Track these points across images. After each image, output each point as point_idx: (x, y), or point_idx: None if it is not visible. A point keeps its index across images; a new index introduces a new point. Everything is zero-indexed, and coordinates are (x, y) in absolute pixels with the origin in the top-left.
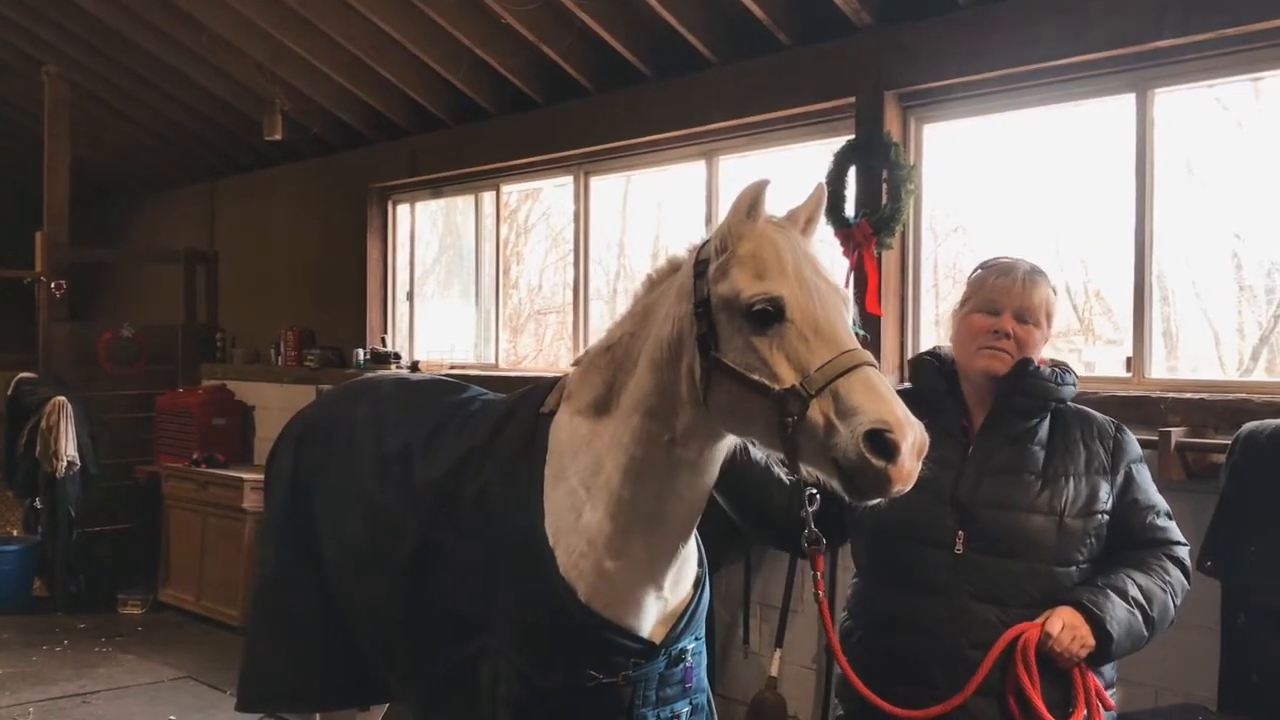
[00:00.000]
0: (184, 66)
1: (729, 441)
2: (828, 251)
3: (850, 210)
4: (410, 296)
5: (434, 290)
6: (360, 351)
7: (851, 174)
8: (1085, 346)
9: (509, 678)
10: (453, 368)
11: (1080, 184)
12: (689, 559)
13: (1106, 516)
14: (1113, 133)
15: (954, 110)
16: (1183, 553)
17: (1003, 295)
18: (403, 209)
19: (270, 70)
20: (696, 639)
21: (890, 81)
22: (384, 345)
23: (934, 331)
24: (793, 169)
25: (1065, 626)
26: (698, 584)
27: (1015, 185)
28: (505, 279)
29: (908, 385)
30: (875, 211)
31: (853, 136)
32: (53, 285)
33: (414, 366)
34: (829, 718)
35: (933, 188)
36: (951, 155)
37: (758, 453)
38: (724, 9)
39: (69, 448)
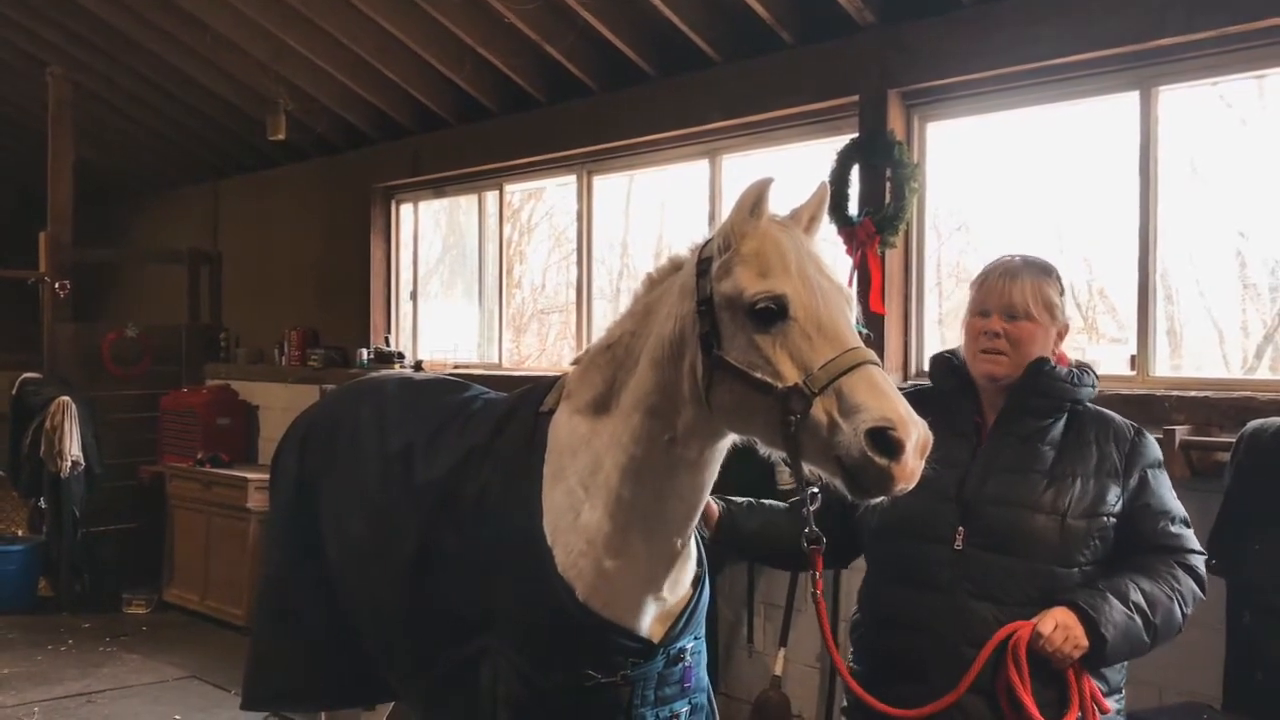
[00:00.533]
0: (187, 66)
1: (729, 441)
2: (831, 250)
3: (854, 209)
4: (414, 296)
5: (437, 290)
6: (364, 351)
7: (855, 173)
8: (1089, 345)
9: (509, 677)
10: (456, 367)
11: (1084, 182)
12: (688, 558)
13: (1113, 519)
14: (1116, 131)
15: (957, 109)
16: (1197, 561)
17: (988, 296)
18: (406, 209)
19: (273, 70)
20: (696, 638)
21: (893, 80)
22: (387, 345)
23: (937, 330)
24: (796, 168)
25: (1058, 626)
26: (697, 583)
27: (1019, 184)
28: (508, 278)
29: (926, 384)
30: (879, 210)
31: (856, 135)
32: (57, 285)
33: (417, 366)
34: (836, 708)
35: (936, 186)
36: (955, 154)
37: (741, 497)
38: (727, 8)
39: (73, 448)
